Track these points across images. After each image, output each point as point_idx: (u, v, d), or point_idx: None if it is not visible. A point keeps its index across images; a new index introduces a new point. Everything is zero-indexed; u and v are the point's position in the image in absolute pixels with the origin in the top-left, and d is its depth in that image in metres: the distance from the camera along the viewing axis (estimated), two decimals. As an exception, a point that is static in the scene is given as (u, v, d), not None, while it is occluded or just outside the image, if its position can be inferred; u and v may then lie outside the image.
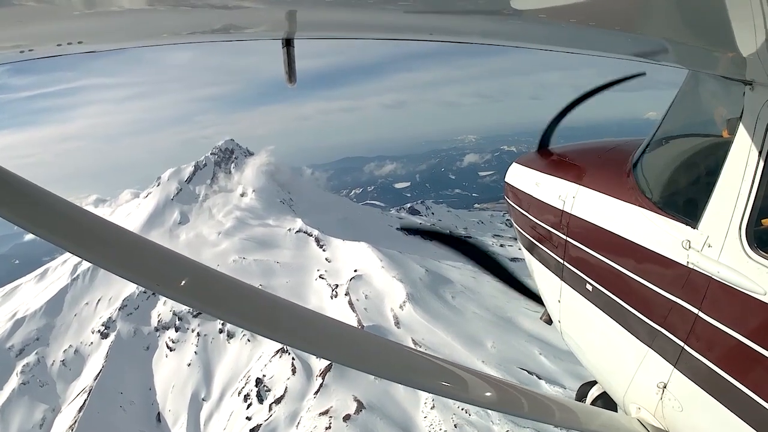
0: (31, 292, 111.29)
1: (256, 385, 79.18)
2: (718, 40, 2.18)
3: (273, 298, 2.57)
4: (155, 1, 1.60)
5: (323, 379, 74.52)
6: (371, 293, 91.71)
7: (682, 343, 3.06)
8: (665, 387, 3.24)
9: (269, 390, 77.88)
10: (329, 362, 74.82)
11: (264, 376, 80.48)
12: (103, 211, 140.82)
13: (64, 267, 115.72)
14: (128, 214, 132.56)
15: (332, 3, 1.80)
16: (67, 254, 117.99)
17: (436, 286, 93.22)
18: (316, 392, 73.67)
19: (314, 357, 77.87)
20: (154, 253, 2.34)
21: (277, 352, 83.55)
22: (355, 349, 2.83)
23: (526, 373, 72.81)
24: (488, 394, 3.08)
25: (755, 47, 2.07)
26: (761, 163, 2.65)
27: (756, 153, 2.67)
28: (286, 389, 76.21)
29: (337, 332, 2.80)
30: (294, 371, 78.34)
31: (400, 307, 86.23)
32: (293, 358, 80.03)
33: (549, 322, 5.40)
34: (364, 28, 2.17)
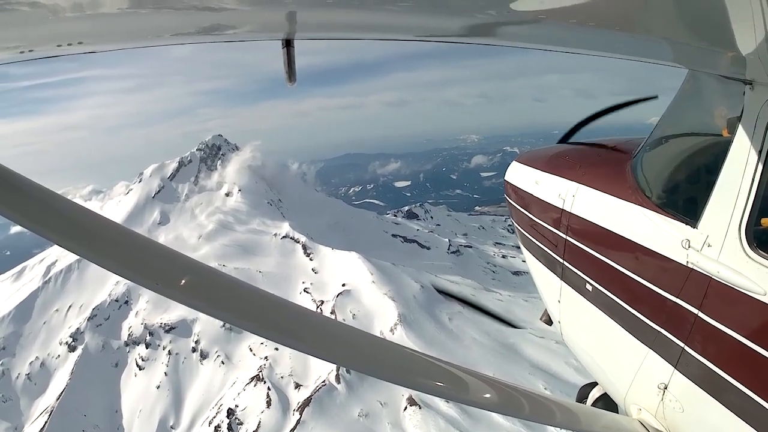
0: (4, 293, 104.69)
1: (228, 416, 71.37)
2: (718, 39, 2.22)
3: (274, 298, 2.54)
4: (155, 3, 1.64)
5: (301, 414, 66.40)
6: (360, 312, 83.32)
7: (682, 344, 3.09)
8: (666, 388, 3.26)
9: (241, 423, 69.89)
10: (308, 396, 67.75)
11: (237, 406, 72.43)
12: (96, 204, 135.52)
13: (40, 266, 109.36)
14: (107, 212, 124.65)
15: (332, 4, 1.85)
16: (44, 252, 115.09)
17: (432, 306, 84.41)
18: (293, 429, 65.49)
19: (292, 388, 71.20)
20: (154, 251, 2.33)
21: (252, 379, 75.79)
22: (354, 350, 2.80)
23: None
24: (489, 395, 3.07)
25: (755, 47, 2.12)
26: (761, 163, 2.69)
27: (756, 153, 2.71)
28: (259, 423, 68.20)
29: (337, 333, 2.79)
30: (269, 403, 70.25)
31: (391, 330, 77.64)
32: (269, 389, 72.23)
33: (549, 322, 5.43)
34: (364, 29, 2.17)
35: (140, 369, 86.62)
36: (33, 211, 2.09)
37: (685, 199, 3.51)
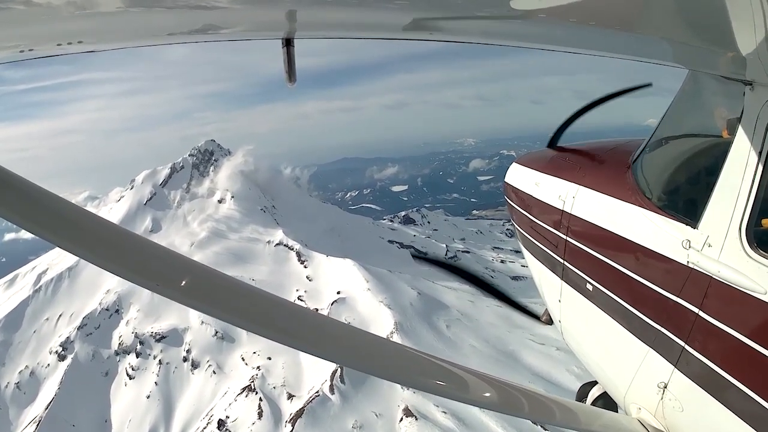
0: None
1: (219, 427, 69.47)
2: (718, 40, 2.24)
3: (273, 298, 2.57)
4: (155, 1, 1.65)
5: (293, 425, 64.36)
6: (355, 320, 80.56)
7: (682, 343, 3.10)
8: (666, 387, 3.27)
9: (231, 435, 68.18)
10: (301, 407, 66.01)
11: (227, 417, 70.48)
12: (91, 211, 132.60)
13: (31, 275, 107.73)
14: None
15: (333, 2, 1.86)
16: (36, 261, 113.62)
17: (429, 313, 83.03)
18: (285, 441, 63.77)
19: (284, 399, 69.60)
20: (154, 253, 2.36)
21: (244, 390, 73.82)
22: (354, 349, 2.81)
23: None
24: (488, 394, 3.07)
25: (755, 47, 2.13)
26: (761, 163, 2.71)
27: (756, 153, 2.73)
28: (250, 435, 66.49)
29: (336, 332, 2.82)
30: (260, 415, 68.24)
31: (387, 338, 75.97)
32: (261, 399, 70.21)
33: (549, 322, 5.52)
34: (364, 28, 2.20)
35: (130, 378, 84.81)
36: (33, 213, 2.09)
37: (686, 200, 3.54)
